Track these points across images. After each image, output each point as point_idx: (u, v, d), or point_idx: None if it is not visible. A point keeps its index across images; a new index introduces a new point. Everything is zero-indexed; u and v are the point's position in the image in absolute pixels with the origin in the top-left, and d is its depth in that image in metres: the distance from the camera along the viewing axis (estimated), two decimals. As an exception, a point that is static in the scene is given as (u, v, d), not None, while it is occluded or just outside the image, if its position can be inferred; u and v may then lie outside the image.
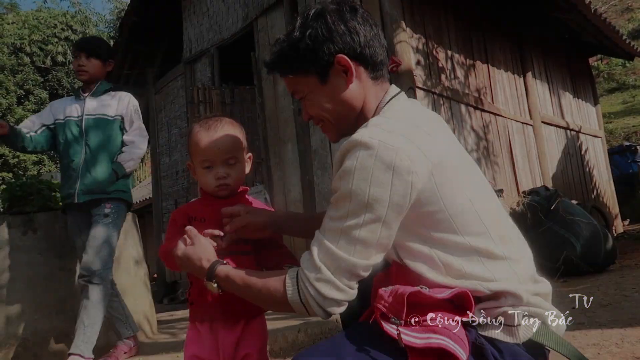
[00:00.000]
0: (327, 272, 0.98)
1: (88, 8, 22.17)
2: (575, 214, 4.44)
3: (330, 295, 0.98)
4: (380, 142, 0.95)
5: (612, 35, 7.40)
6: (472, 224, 1.01)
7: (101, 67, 2.64)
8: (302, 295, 1.00)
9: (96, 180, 2.54)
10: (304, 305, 1.01)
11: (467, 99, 5.34)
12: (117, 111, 2.64)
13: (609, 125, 11.88)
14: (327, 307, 1.00)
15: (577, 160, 7.46)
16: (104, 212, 2.52)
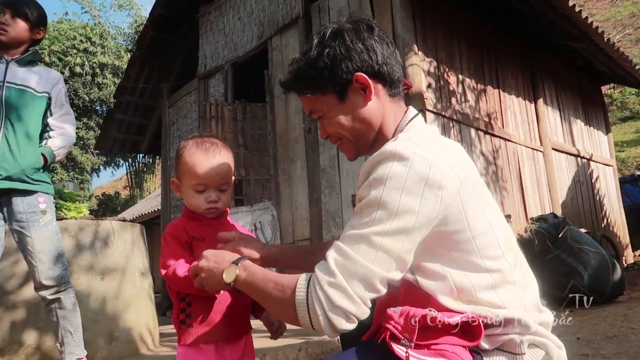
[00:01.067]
0: (341, 278, 0.92)
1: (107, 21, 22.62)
2: (584, 242, 4.40)
3: (340, 303, 0.91)
4: (415, 153, 0.95)
5: (626, 64, 7.41)
6: (490, 246, 1.00)
7: (27, 31, 2.25)
8: (310, 298, 0.93)
9: (20, 165, 2.13)
10: (309, 310, 0.92)
11: (478, 123, 5.35)
12: (45, 88, 2.27)
13: (621, 154, 11.79)
14: (333, 318, 0.91)
15: (588, 189, 7.40)
16: (40, 209, 2.16)
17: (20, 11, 2.22)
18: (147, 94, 8.28)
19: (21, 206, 2.14)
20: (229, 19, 6.90)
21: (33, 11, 2.27)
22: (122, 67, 18.69)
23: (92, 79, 19.54)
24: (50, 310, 2.19)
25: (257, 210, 5.54)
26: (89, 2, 22.41)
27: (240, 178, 5.85)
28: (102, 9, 22.66)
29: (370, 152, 1.11)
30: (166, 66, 8.08)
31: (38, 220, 2.15)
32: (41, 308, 2.69)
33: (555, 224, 4.48)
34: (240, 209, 5.58)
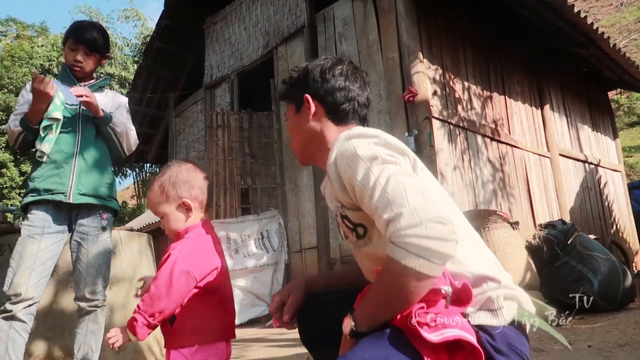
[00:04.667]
0: (409, 221, 0.91)
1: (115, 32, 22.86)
2: (593, 249, 4.35)
3: (434, 231, 0.90)
4: (367, 132, 1.10)
5: (632, 70, 7.38)
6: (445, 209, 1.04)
7: (98, 61, 2.38)
8: (407, 254, 0.91)
9: (95, 182, 2.26)
10: (413, 259, 0.90)
11: (484, 130, 5.34)
12: (111, 109, 2.39)
13: (629, 159, 11.71)
14: (440, 248, 0.90)
15: (596, 194, 7.35)
16: (101, 225, 2.27)
17: (93, 47, 2.33)
18: (153, 103, 8.34)
19: (86, 219, 2.25)
20: (234, 29, 6.95)
21: (102, 41, 2.37)
22: (129, 78, 18.86)
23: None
24: (82, 321, 2.23)
25: (263, 218, 5.55)
26: (97, 13, 22.70)
27: (247, 187, 5.87)
28: (109, 20, 22.85)
29: (313, 161, 1.32)
30: (173, 76, 8.15)
31: (97, 235, 2.26)
32: (50, 318, 2.70)
33: (564, 230, 4.44)
34: (247, 217, 5.59)
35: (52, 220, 2.19)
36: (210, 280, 1.39)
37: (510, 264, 4.21)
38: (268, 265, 5.32)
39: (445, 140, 4.75)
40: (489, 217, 4.29)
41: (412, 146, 4.42)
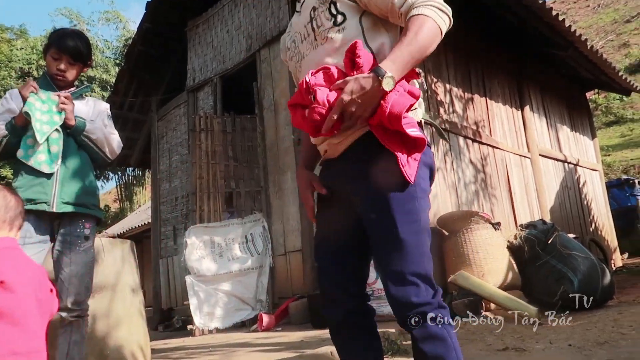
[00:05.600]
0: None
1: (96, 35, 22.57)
2: (573, 248, 4.44)
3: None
4: None
5: (609, 71, 7.54)
6: None
7: (81, 71, 2.38)
8: (434, 13, 1.29)
9: (78, 190, 2.24)
10: (441, 14, 1.30)
11: (466, 132, 5.41)
12: (92, 117, 2.37)
13: (607, 158, 11.95)
14: (449, 21, 1.32)
15: (575, 194, 7.49)
16: (84, 234, 2.25)
17: (77, 56, 2.31)
18: (136, 107, 8.26)
19: (68, 228, 2.23)
20: (217, 32, 6.92)
21: (86, 50, 2.35)
22: (110, 81, 18.62)
23: (81, 88, 19.40)
24: (65, 332, 2.20)
25: (247, 222, 5.53)
26: (77, 16, 22.39)
27: (231, 190, 5.85)
28: (90, 22, 22.54)
29: None
30: (155, 80, 8.08)
31: (80, 244, 2.23)
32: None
33: (544, 230, 4.53)
34: (231, 221, 5.57)
35: (33, 230, 2.16)
36: None
37: (493, 264, 4.27)
38: (252, 268, 5.30)
39: (428, 142, 4.79)
40: (472, 218, 4.35)
41: (395, 149, 4.45)
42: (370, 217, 1.31)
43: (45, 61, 2.35)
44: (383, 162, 1.28)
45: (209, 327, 5.10)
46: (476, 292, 3.98)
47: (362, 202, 1.33)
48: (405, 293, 1.26)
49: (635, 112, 17.39)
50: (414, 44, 1.24)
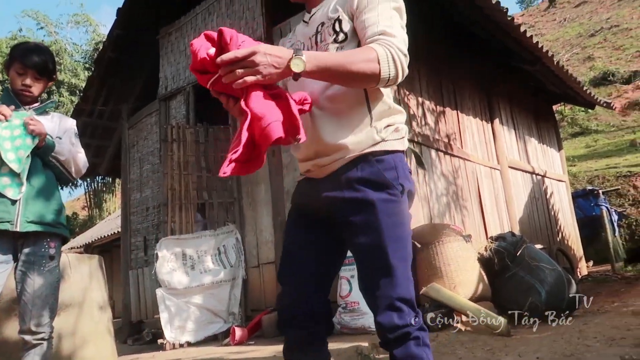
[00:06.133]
0: (398, 39, 1.32)
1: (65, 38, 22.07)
2: (540, 259, 4.55)
3: (405, 51, 1.30)
4: None
5: (575, 86, 7.80)
6: None
7: (46, 86, 2.34)
8: (388, 52, 1.27)
9: (42, 208, 2.18)
10: (389, 60, 1.26)
11: (438, 145, 5.49)
12: (59, 133, 2.33)
13: (572, 168, 12.32)
14: (404, 62, 1.29)
15: (543, 204, 7.69)
16: (49, 254, 2.19)
17: (43, 71, 2.27)
18: (106, 115, 8.09)
19: (32, 247, 2.17)
20: (190, 40, 6.85)
21: (51, 64, 2.32)
22: (80, 85, 18.22)
23: (48, 96, 18.96)
24: (28, 355, 2.12)
25: (220, 234, 5.47)
26: (45, 18, 21.84)
27: (204, 201, 5.78)
28: (58, 25, 22.02)
29: (315, 1, 1.54)
30: (126, 87, 7.93)
31: (44, 264, 2.17)
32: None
33: (513, 242, 4.62)
34: (204, 233, 5.50)
35: None
36: None
37: (464, 276, 4.33)
38: (225, 281, 5.24)
39: (401, 155, 4.85)
40: (443, 230, 4.41)
41: (369, 161, 4.48)
42: (360, 242, 1.35)
43: (9, 76, 2.29)
44: (373, 189, 1.33)
45: (180, 341, 5.01)
46: (448, 304, 4.03)
47: (351, 227, 1.36)
48: (392, 317, 1.31)
49: (599, 123, 18.01)
50: (345, 59, 1.25)
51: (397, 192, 1.35)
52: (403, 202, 1.36)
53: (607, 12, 29.47)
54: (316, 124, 1.38)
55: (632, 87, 19.58)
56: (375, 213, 1.32)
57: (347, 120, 1.37)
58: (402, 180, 1.37)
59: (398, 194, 1.35)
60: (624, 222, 10.18)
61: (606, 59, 23.07)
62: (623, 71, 20.60)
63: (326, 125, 1.37)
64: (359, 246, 1.36)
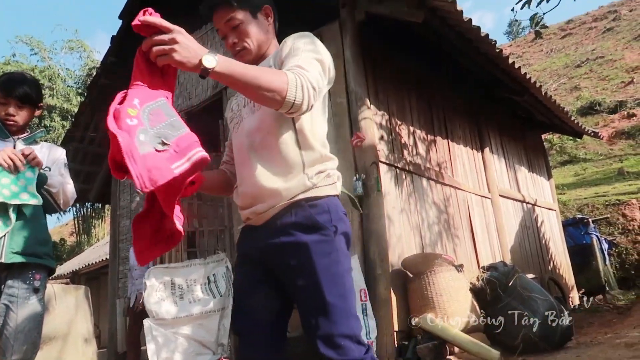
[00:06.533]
0: (313, 73, 1.39)
1: (58, 64, 22.14)
2: (532, 290, 4.54)
3: (316, 85, 1.36)
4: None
5: (562, 115, 7.93)
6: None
7: (32, 112, 2.33)
8: (299, 78, 1.33)
9: (28, 239, 2.15)
10: (297, 88, 1.31)
11: (429, 173, 5.52)
12: (47, 163, 2.32)
13: (562, 196, 12.41)
14: (312, 94, 1.34)
15: (534, 233, 7.70)
16: (33, 286, 2.14)
17: (25, 100, 2.27)
18: (97, 141, 8.06)
19: (17, 279, 2.12)
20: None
21: (35, 93, 2.32)
22: (72, 110, 18.21)
23: (39, 121, 18.90)
24: None
25: (210, 262, 5.39)
26: (39, 43, 21.94)
27: (194, 230, 5.72)
28: (52, 50, 22.11)
29: (258, 60, 1.61)
30: (118, 113, 7.93)
31: (28, 297, 2.13)
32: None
33: (505, 272, 4.61)
34: (194, 261, 5.42)
35: None
36: None
37: (456, 307, 4.29)
38: (214, 311, 5.14)
39: (392, 183, 4.86)
40: (435, 260, 4.39)
41: (360, 190, 4.48)
42: (297, 284, 1.40)
43: None
44: (306, 232, 1.39)
45: (167, 374, 4.88)
46: (440, 336, 3.98)
47: (287, 270, 1.41)
48: (331, 355, 1.34)
49: (587, 152, 18.25)
50: (256, 71, 1.31)
51: (330, 232, 1.40)
52: (338, 242, 1.42)
53: (592, 44, 30.27)
54: (252, 170, 1.46)
55: (619, 117, 19.95)
56: (309, 255, 1.37)
57: (280, 167, 1.44)
58: (335, 222, 1.43)
59: (331, 234, 1.40)
60: (614, 251, 10.22)
61: (592, 89, 23.56)
62: (609, 101, 21.03)
63: (261, 171, 1.45)
64: (296, 288, 1.41)
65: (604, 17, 34.20)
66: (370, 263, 4.37)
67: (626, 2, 34.56)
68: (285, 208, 1.43)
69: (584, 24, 34.93)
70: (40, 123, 18.80)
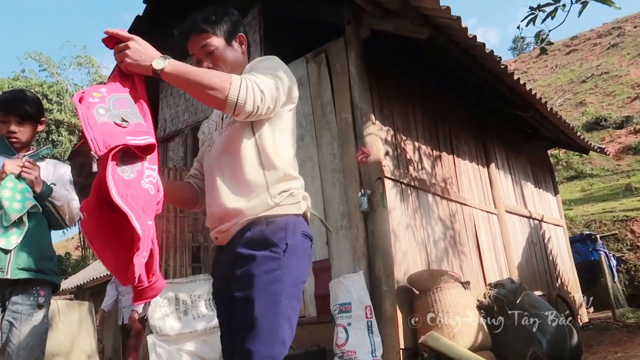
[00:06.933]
0: (262, 80, 1.45)
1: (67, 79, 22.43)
2: (540, 307, 4.47)
3: (263, 88, 1.41)
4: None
5: (568, 131, 7.91)
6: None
7: (34, 128, 2.36)
8: (244, 79, 1.39)
9: (34, 255, 2.15)
10: (240, 86, 1.37)
11: (434, 189, 5.50)
12: (53, 180, 2.36)
13: (569, 212, 12.32)
14: (256, 96, 1.39)
15: (541, 249, 7.63)
16: (37, 302, 2.14)
17: (25, 116, 2.30)
18: (103, 156, 8.10)
19: (21, 296, 2.11)
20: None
21: (35, 109, 2.34)
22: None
23: (47, 135, 19.09)
24: None
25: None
26: (48, 60, 22.26)
27: (199, 244, 5.71)
28: (61, 66, 22.41)
29: None
30: (124, 128, 7.98)
31: (32, 313, 2.12)
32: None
33: (512, 289, 4.56)
34: (198, 277, 5.39)
35: None
36: None
37: (463, 324, 4.23)
38: (219, 327, 5.10)
39: (398, 199, 4.84)
40: (441, 277, 4.35)
41: (365, 206, 4.47)
42: (236, 296, 1.39)
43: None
44: (258, 247, 1.41)
45: (170, 391, 4.82)
46: (447, 354, 3.92)
47: (234, 282, 1.42)
48: None
49: (594, 167, 18.16)
50: (202, 71, 1.40)
51: (279, 250, 1.40)
52: (287, 261, 1.41)
53: (597, 60, 30.33)
54: (218, 192, 1.50)
55: (625, 132, 19.89)
56: (254, 267, 1.38)
57: (244, 187, 1.47)
58: (289, 240, 1.43)
59: (280, 252, 1.40)
60: (623, 268, 10.11)
61: (598, 104, 23.54)
62: (615, 116, 20.98)
63: (226, 192, 1.48)
64: (235, 300, 1.40)
65: (608, 34, 34.32)
66: (375, 279, 4.33)
67: (630, 19, 34.71)
68: (246, 225, 1.45)
69: (589, 40, 35.06)
70: (48, 137, 18.99)
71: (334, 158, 4.94)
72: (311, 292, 4.79)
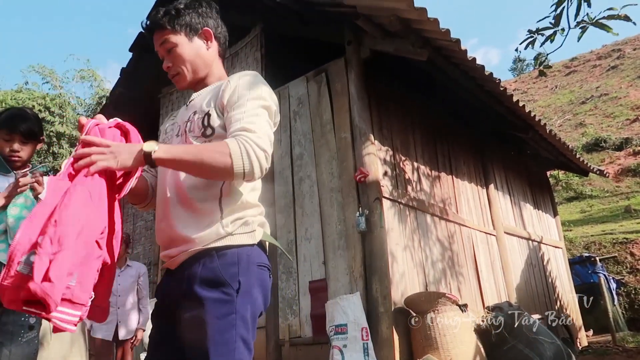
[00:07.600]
0: (259, 133, 1.34)
1: (69, 92, 22.53)
2: (539, 332, 4.43)
3: (264, 147, 1.32)
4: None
5: (567, 153, 7.92)
6: None
7: (35, 148, 2.38)
8: (242, 146, 1.29)
9: None
10: (243, 156, 1.28)
11: (433, 209, 5.48)
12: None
13: (568, 233, 12.27)
14: (262, 158, 1.30)
15: (540, 271, 7.58)
16: (28, 323, 2.13)
17: (29, 135, 2.32)
18: (102, 170, 8.11)
19: (12, 316, 2.08)
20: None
21: (37, 128, 2.35)
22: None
23: (48, 147, 19.10)
24: None
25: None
26: (51, 72, 22.40)
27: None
28: (64, 79, 22.53)
29: (195, 85, 1.60)
30: (125, 143, 8.00)
31: (22, 335, 2.10)
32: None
33: (510, 313, 4.51)
34: (193, 294, 5.35)
35: None
36: None
37: (460, 348, 4.18)
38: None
39: (396, 220, 4.82)
40: (439, 299, 4.31)
41: (363, 226, 4.45)
42: (185, 339, 1.32)
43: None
44: (207, 287, 1.32)
45: (162, 411, 4.74)
46: (443, 379, 3.87)
47: (181, 321, 1.34)
48: None
49: (594, 189, 18.15)
50: (197, 150, 1.32)
51: (232, 291, 1.31)
52: (239, 303, 1.32)
53: (596, 81, 30.54)
54: (170, 213, 1.41)
55: (625, 154, 19.93)
56: (203, 313, 1.29)
57: (198, 213, 1.38)
58: (242, 276, 1.33)
59: (233, 293, 1.31)
60: (623, 290, 10.03)
61: (597, 125, 23.63)
62: (615, 138, 21.04)
63: (178, 216, 1.39)
64: (185, 342, 1.32)
65: (608, 55, 34.62)
66: (372, 301, 4.29)
67: (630, 41, 35.05)
68: (194, 256, 1.36)
69: (589, 62, 35.35)
70: (49, 150, 19.01)
71: (333, 177, 4.94)
72: (307, 311, 4.74)
